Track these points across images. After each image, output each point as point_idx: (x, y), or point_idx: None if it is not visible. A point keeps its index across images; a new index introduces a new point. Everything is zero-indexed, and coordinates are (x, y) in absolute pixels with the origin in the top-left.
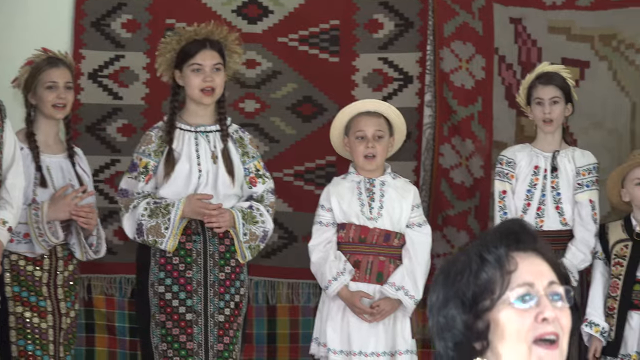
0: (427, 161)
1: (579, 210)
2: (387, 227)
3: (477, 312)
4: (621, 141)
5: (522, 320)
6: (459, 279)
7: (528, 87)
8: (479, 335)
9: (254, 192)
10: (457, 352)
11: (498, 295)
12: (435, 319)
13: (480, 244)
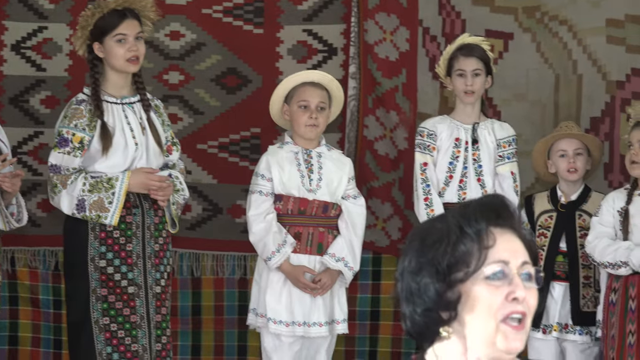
0: (351, 133)
1: (500, 182)
2: (326, 198)
3: (450, 283)
4: (545, 113)
5: (494, 296)
6: (436, 247)
7: (449, 59)
8: (448, 305)
9: (170, 160)
10: (424, 318)
11: (473, 269)
12: (405, 283)
13: (461, 216)
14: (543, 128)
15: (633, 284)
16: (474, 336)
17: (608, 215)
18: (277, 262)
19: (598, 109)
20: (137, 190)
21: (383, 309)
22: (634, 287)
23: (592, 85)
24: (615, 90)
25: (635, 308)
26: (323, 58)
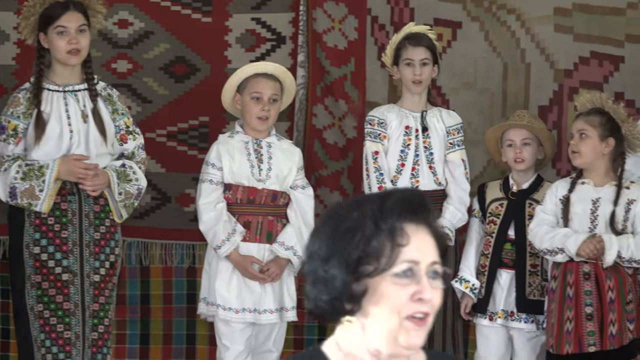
0: (300, 122)
1: (451, 169)
2: (275, 187)
3: (358, 275)
4: (493, 101)
5: (400, 294)
6: (348, 238)
7: (396, 48)
8: (354, 298)
9: (125, 149)
10: (328, 306)
11: (383, 266)
12: (313, 267)
13: (379, 209)
14: (491, 116)
15: (571, 271)
16: (376, 328)
17: (550, 203)
18: (226, 250)
19: (546, 98)
20: (66, 178)
21: None
22: (572, 274)
23: (540, 74)
24: (563, 78)
25: (573, 295)
26: (271, 47)
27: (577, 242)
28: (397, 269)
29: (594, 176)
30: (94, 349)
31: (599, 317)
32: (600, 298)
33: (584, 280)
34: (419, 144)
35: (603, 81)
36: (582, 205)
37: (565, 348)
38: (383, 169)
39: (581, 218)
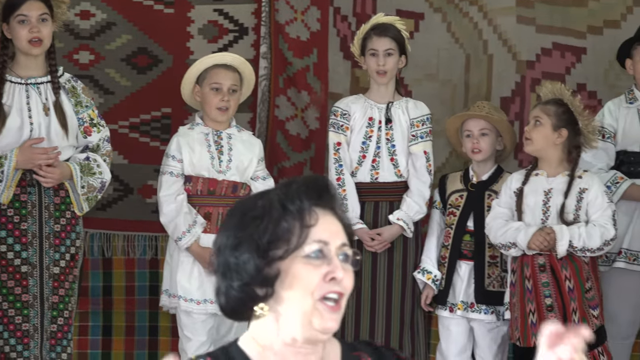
0: (262, 113)
1: (413, 161)
2: (235, 178)
3: (269, 259)
4: (455, 92)
5: (312, 275)
6: (257, 223)
7: (363, 38)
8: (266, 282)
9: (90, 142)
10: (240, 293)
11: (294, 246)
12: (223, 258)
13: (284, 193)
14: (453, 107)
15: (527, 264)
16: (291, 314)
17: (505, 196)
18: (187, 242)
19: (508, 89)
20: (24, 166)
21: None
22: (528, 266)
23: (503, 65)
24: (525, 70)
25: (532, 287)
26: (234, 38)
27: (527, 236)
28: (307, 249)
29: (546, 167)
30: (52, 341)
31: (560, 307)
32: (559, 288)
33: (540, 272)
34: (381, 136)
35: (565, 72)
36: (534, 196)
37: (532, 340)
38: (344, 161)
39: (534, 210)
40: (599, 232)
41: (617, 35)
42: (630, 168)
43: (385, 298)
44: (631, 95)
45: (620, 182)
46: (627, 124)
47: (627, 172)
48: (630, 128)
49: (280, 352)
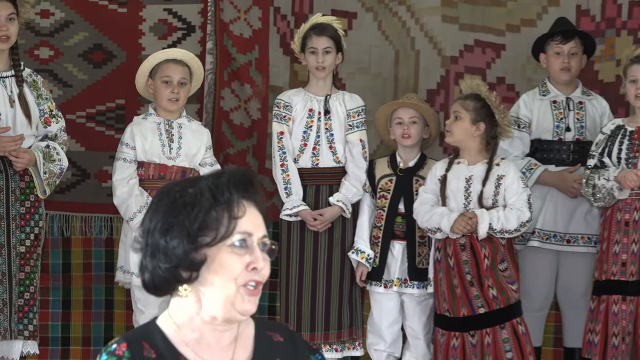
0: (209, 104)
1: (350, 149)
2: (184, 164)
3: (198, 245)
4: (385, 85)
5: (237, 263)
6: (188, 210)
7: (303, 37)
8: (193, 266)
9: (49, 131)
10: (167, 274)
11: (222, 236)
12: (153, 240)
13: (214, 184)
14: (384, 99)
15: (449, 244)
16: (214, 296)
17: (431, 182)
18: (138, 222)
19: (434, 82)
20: None
21: None
22: (450, 246)
23: (429, 60)
24: (449, 64)
25: (454, 265)
26: (182, 35)
27: (450, 221)
28: (234, 239)
29: (467, 155)
30: (20, 314)
31: (479, 283)
32: (477, 266)
33: (462, 251)
34: (321, 126)
35: (486, 67)
36: (456, 183)
37: (462, 311)
38: (287, 148)
39: (456, 195)
40: (516, 215)
41: (533, 33)
42: (543, 155)
43: (325, 274)
44: (544, 88)
45: (535, 168)
46: (541, 115)
47: (541, 159)
48: (544, 118)
49: (198, 328)
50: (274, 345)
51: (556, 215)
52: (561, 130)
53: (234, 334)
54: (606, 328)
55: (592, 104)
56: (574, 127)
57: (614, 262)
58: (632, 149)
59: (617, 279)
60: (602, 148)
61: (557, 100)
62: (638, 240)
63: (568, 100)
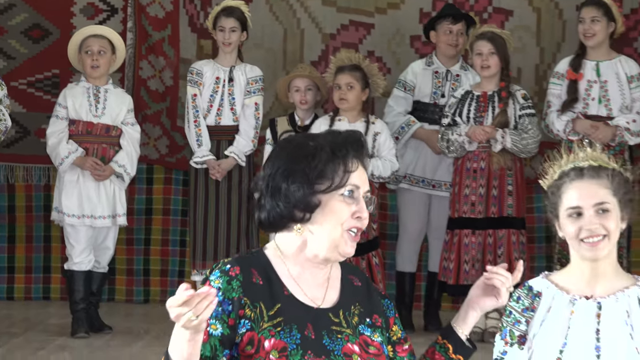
0: (129, 73)
1: (245, 110)
2: (108, 122)
3: (315, 190)
4: (276, 58)
5: (345, 211)
6: (309, 160)
7: (214, 17)
8: (308, 208)
9: None
10: (285, 212)
11: (336, 185)
12: (275, 182)
13: (333, 141)
14: (275, 69)
15: None
16: (321, 237)
17: None
18: (68, 163)
19: (316, 55)
20: None
21: (155, 207)
22: None
23: (311, 37)
24: (328, 40)
25: None
26: (107, 16)
27: None
28: (345, 190)
29: (348, 115)
30: None
31: None
32: None
33: None
34: (225, 91)
35: (358, 42)
36: None
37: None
38: (199, 108)
39: None
40: (389, 165)
41: (397, 14)
42: (420, 114)
43: (226, 212)
44: (430, 60)
45: (412, 125)
46: (424, 82)
47: (418, 117)
48: (425, 85)
49: (300, 263)
50: (355, 289)
51: (425, 165)
52: (437, 96)
53: (327, 274)
54: (459, 257)
55: (467, 77)
56: (448, 95)
57: (465, 202)
58: (478, 110)
59: (467, 217)
60: (454, 109)
61: (439, 71)
62: (484, 184)
63: (447, 72)
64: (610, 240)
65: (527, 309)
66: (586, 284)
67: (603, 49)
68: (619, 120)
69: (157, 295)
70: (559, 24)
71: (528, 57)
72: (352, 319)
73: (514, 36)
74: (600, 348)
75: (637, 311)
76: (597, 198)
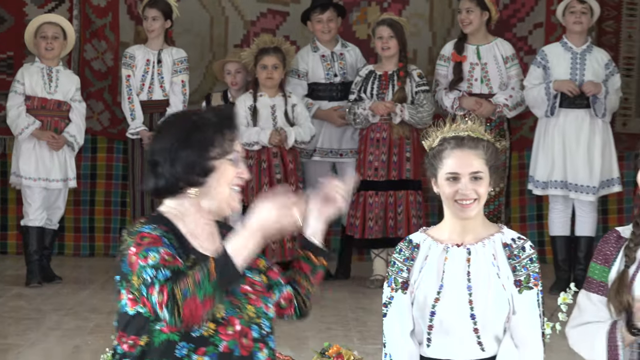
0: (75, 55)
1: (173, 87)
2: (60, 98)
3: (210, 157)
4: (204, 42)
5: (232, 172)
6: (203, 131)
7: (142, 8)
8: (204, 173)
9: None
10: (183, 177)
11: (225, 151)
12: (172, 153)
13: (215, 115)
14: (202, 52)
15: (264, 152)
16: (215, 195)
17: (242, 111)
18: (27, 133)
19: (239, 39)
20: None
21: (99, 172)
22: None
23: (235, 24)
24: (249, 27)
25: (266, 167)
26: (55, 5)
27: (266, 135)
28: (231, 155)
29: (269, 91)
30: None
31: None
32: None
33: (273, 157)
34: (155, 71)
35: (275, 28)
36: (264, 110)
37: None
38: (132, 87)
39: (266, 119)
40: (308, 131)
41: (309, 3)
42: (319, 94)
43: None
44: (314, 45)
45: (311, 108)
46: (314, 66)
47: (317, 97)
48: (316, 68)
49: (194, 220)
50: None
51: (331, 137)
52: (330, 76)
53: (213, 229)
54: (364, 214)
55: (349, 53)
56: (339, 73)
57: (369, 167)
58: (381, 87)
59: (371, 180)
60: (359, 87)
61: (325, 54)
62: (386, 152)
63: (332, 53)
64: (480, 202)
65: (408, 259)
66: (457, 235)
67: (480, 34)
68: (498, 98)
69: (101, 249)
70: (449, 11)
71: (422, 41)
72: None
73: (410, 23)
74: (472, 287)
75: (501, 254)
76: (473, 167)
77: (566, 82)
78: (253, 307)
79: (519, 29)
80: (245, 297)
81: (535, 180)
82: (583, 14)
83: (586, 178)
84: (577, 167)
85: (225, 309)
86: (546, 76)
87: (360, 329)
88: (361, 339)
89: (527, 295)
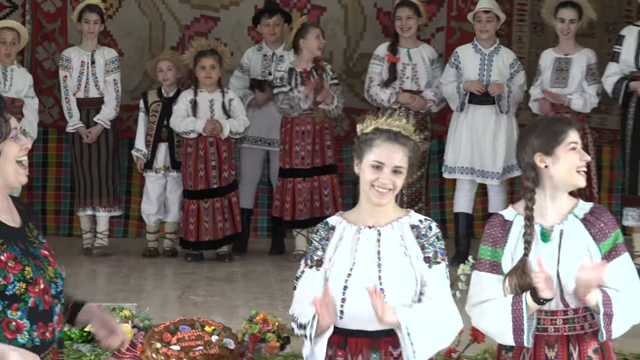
0: (28, 56)
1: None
2: (13, 95)
3: None
4: (143, 44)
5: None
6: None
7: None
8: None
9: None
10: None
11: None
12: None
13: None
14: (142, 53)
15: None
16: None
17: (182, 104)
18: None
19: (175, 42)
20: None
21: (50, 161)
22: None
23: (171, 28)
24: (184, 30)
25: (203, 154)
26: (10, 11)
27: (200, 125)
28: (12, 133)
29: (208, 88)
30: None
31: (219, 168)
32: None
33: (210, 146)
34: (89, 72)
35: (207, 32)
36: (204, 104)
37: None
38: (69, 87)
39: (204, 112)
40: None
41: (237, 10)
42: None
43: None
44: (260, 46)
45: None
46: (256, 64)
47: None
48: (256, 66)
49: None
50: (25, 212)
51: (260, 126)
52: (265, 74)
53: (10, 203)
54: (294, 199)
55: (289, 56)
56: (274, 72)
57: (296, 157)
58: (303, 83)
59: (298, 168)
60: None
61: (267, 54)
62: (310, 142)
63: (273, 54)
64: (394, 192)
65: (324, 239)
66: (370, 217)
67: (412, 38)
68: (427, 94)
69: (52, 229)
70: (361, 17)
71: (338, 43)
72: (33, 232)
73: (326, 27)
74: (381, 265)
75: (409, 235)
76: (397, 161)
77: (474, 82)
78: (52, 268)
79: (422, 32)
80: (47, 260)
81: (445, 165)
82: (488, 22)
83: (491, 165)
84: (483, 155)
85: (32, 271)
86: (459, 75)
87: (284, 298)
88: (285, 307)
89: (436, 269)
